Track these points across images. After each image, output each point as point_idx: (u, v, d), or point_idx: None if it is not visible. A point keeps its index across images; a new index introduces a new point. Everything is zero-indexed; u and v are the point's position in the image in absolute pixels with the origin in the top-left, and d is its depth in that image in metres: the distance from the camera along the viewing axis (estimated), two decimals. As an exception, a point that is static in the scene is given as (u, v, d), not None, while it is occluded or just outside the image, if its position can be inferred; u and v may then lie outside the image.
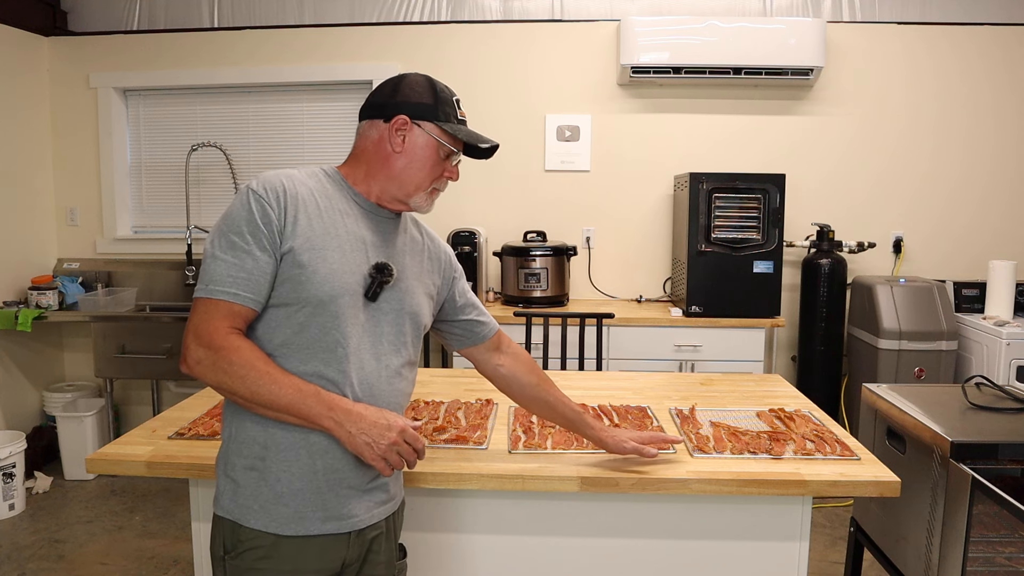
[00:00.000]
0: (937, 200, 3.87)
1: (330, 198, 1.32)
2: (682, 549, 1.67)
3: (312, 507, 1.28)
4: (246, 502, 1.27)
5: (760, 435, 1.74)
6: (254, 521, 1.26)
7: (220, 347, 1.20)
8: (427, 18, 3.96)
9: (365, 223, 1.34)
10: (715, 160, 3.90)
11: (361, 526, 1.33)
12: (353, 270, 1.29)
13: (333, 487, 1.29)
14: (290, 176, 1.30)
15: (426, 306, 1.44)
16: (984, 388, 2.10)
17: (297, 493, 1.27)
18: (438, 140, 1.34)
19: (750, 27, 3.58)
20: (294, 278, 1.24)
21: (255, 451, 1.27)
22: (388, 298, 1.34)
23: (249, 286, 1.22)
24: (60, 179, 4.20)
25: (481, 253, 3.66)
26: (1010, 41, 3.78)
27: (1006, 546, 1.73)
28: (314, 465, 1.27)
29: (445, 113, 1.35)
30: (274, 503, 1.26)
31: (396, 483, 1.42)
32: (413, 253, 1.43)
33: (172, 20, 4.08)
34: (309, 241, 1.25)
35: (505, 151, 3.97)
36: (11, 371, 3.89)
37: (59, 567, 2.90)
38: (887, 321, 3.38)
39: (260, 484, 1.27)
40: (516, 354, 1.63)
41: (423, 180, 1.35)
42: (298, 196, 1.27)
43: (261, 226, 1.23)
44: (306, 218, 1.26)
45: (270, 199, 1.24)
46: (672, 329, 3.43)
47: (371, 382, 1.31)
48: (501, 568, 1.69)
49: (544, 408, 1.62)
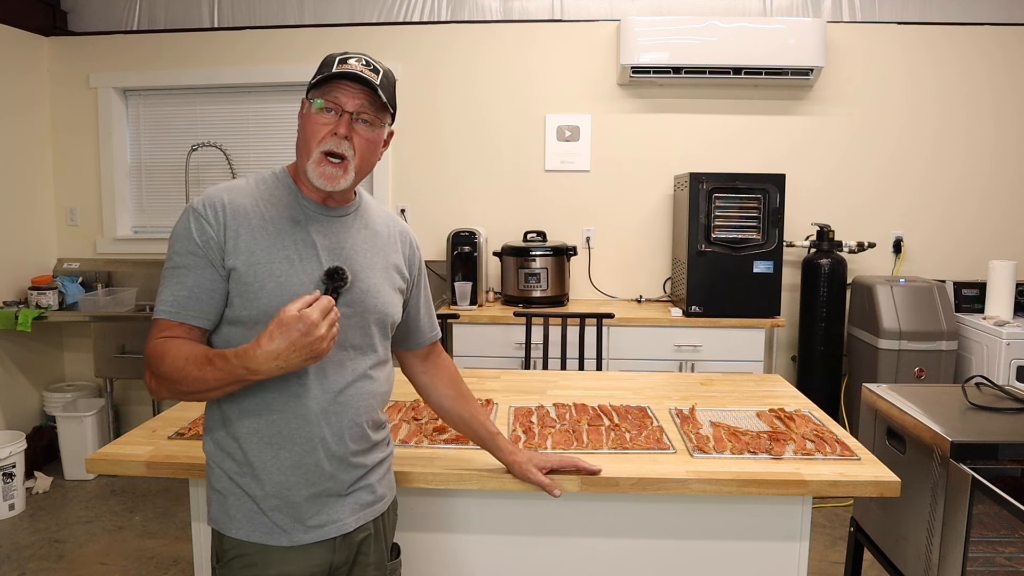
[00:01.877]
0: (937, 200, 3.87)
1: (277, 206, 1.29)
2: (682, 549, 1.67)
3: (291, 519, 1.27)
4: (230, 512, 1.28)
5: (760, 435, 1.74)
6: (237, 531, 1.27)
7: (152, 358, 1.21)
8: (427, 18, 3.96)
9: (316, 226, 1.30)
10: (715, 160, 3.90)
11: (347, 530, 1.32)
12: (304, 280, 1.25)
13: (311, 497, 1.28)
14: (233, 189, 1.28)
15: (394, 301, 1.39)
16: (984, 388, 2.10)
17: (275, 508, 1.27)
18: (310, 99, 1.27)
19: (750, 27, 3.58)
20: (243, 295, 1.23)
21: (231, 466, 1.28)
22: (349, 301, 1.29)
23: (190, 303, 1.22)
24: (60, 179, 4.19)
25: (481, 253, 3.66)
26: (1010, 41, 3.78)
27: (1006, 546, 1.73)
28: (286, 480, 1.26)
29: (319, 74, 1.27)
30: (257, 514, 1.27)
31: (383, 484, 1.41)
32: (375, 250, 1.38)
33: (172, 20, 4.07)
34: (254, 255, 1.23)
35: (505, 151, 3.97)
36: (11, 371, 3.89)
37: (59, 567, 2.90)
38: (887, 321, 3.38)
39: (241, 496, 1.27)
40: (441, 366, 1.59)
41: (306, 144, 1.27)
42: (239, 210, 1.25)
43: (199, 244, 1.22)
44: (248, 232, 1.24)
45: (208, 216, 1.23)
46: (672, 329, 3.43)
47: (336, 390, 1.28)
48: (501, 568, 1.69)
49: (459, 423, 1.57)
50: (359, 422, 1.32)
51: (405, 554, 1.56)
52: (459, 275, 3.63)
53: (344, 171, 1.27)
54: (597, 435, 1.75)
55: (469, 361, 3.41)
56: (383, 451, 1.41)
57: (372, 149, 1.30)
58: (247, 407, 1.26)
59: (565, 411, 1.95)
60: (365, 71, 1.25)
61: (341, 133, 1.25)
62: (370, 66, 1.27)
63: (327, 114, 1.26)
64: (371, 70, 1.27)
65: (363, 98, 1.26)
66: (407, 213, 4.02)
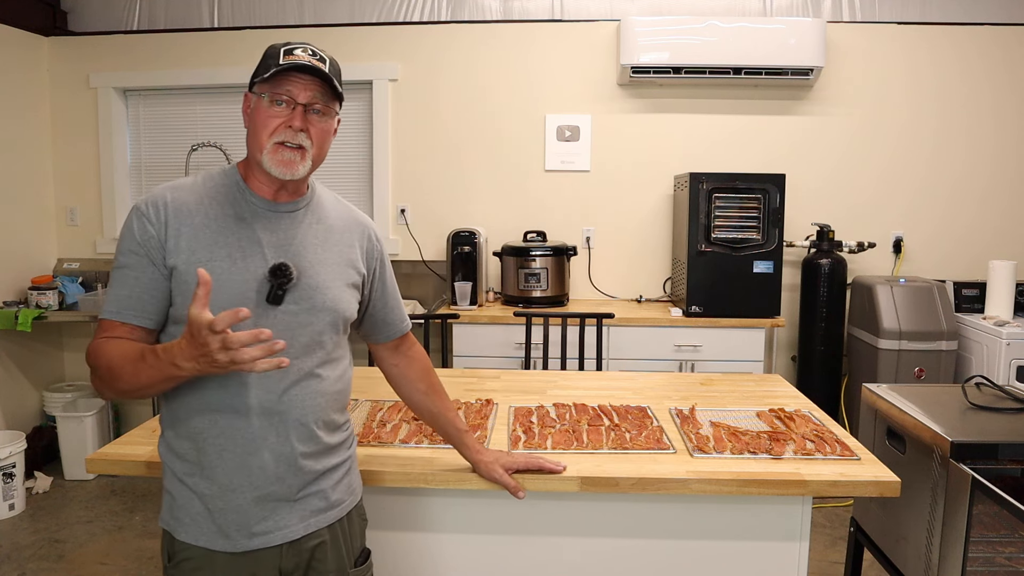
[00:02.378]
0: (937, 200, 3.87)
1: (222, 203, 1.27)
2: (682, 549, 1.67)
3: (236, 525, 1.26)
4: (178, 515, 1.28)
5: (760, 435, 1.74)
6: (184, 534, 1.27)
7: (90, 354, 1.22)
8: (427, 18, 3.96)
9: (263, 223, 1.28)
10: (715, 160, 3.90)
11: (293, 537, 1.30)
12: (247, 277, 1.24)
13: (257, 500, 1.27)
14: (179, 187, 1.28)
15: (346, 298, 1.36)
16: (984, 388, 2.10)
17: (220, 512, 1.26)
18: (258, 94, 1.26)
19: (750, 27, 3.58)
20: (183, 293, 1.22)
21: (182, 468, 1.28)
22: (296, 298, 1.27)
23: (131, 303, 1.22)
24: (60, 179, 4.19)
25: (481, 253, 3.66)
26: (1010, 41, 3.78)
27: (1006, 546, 1.73)
28: (231, 483, 1.25)
29: (266, 67, 1.25)
30: (204, 518, 1.26)
31: (340, 489, 1.38)
32: (327, 245, 1.35)
33: (172, 20, 4.07)
34: (195, 254, 1.22)
35: (505, 151, 3.97)
36: (11, 371, 3.89)
37: (59, 567, 2.90)
38: (887, 321, 3.38)
39: (190, 499, 1.27)
40: (413, 359, 1.57)
41: (258, 136, 1.25)
42: (183, 208, 1.24)
43: (141, 243, 1.22)
44: (191, 230, 1.23)
45: (150, 215, 1.23)
46: (672, 329, 3.43)
47: (280, 389, 1.26)
48: (501, 568, 1.69)
49: (428, 417, 1.57)
50: (305, 422, 1.29)
51: (408, 555, 1.56)
52: (459, 275, 3.63)
53: (302, 157, 1.26)
54: (597, 435, 1.75)
55: (469, 361, 3.41)
56: (339, 455, 1.39)
57: (326, 139, 1.29)
58: (193, 406, 1.25)
59: (565, 411, 1.95)
60: (314, 61, 1.24)
61: (297, 126, 1.24)
62: (317, 55, 1.26)
63: (278, 107, 1.24)
64: (319, 59, 1.26)
65: (315, 88, 1.25)
66: (407, 213, 4.02)
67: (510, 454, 1.57)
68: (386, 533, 1.69)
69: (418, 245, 4.04)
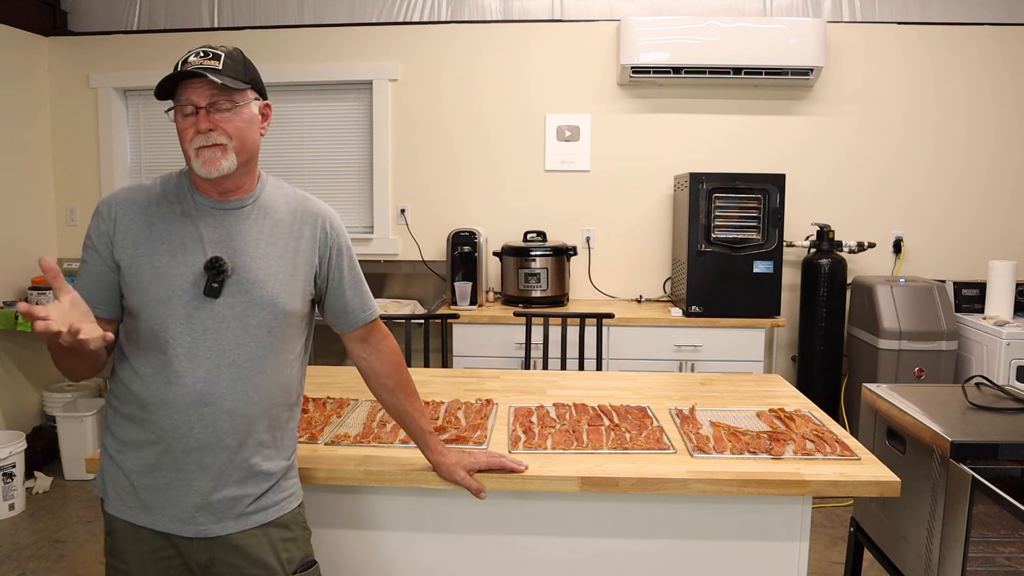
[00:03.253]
0: (937, 200, 3.87)
1: (171, 202, 1.36)
2: (682, 549, 1.67)
3: (158, 503, 1.33)
4: (105, 487, 1.37)
5: (760, 435, 1.74)
6: (109, 506, 1.37)
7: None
8: (427, 18, 3.96)
9: (207, 220, 1.35)
10: (715, 160, 3.90)
11: (209, 535, 1.33)
12: (184, 271, 1.31)
13: (174, 489, 1.32)
14: (135, 188, 1.38)
15: (292, 292, 1.38)
16: (984, 388, 2.10)
17: (146, 488, 1.33)
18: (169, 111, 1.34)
19: (750, 27, 3.58)
20: (127, 285, 1.32)
21: (113, 444, 1.36)
22: (234, 291, 1.32)
23: (91, 295, 1.27)
24: (60, 179, 4.20)
25: (481, 253, 3.66)
26: (1010, 41, 3.78)
27: (1006, 546, 1.73)
28: (159, 462, 1.32)
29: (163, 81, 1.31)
30: (127, 492, 1.34)
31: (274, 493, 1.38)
32: (273, 239, 1.37)
33: (172, 20, 4.08)
34: (138, 248, 1.31)
35: (505, 151, 3.97)
36: (11, 371, 3.89)
37: (59, 567, 2.90)
38: (887, 321, 3.38)
39: (117, 473, 1.35)
40: (383, 352, 1.55)
41: (185, 147, 1.32)
42: (134, 206, 1.34)
43: (94, 240, 1.33)
44: (136, 227, 1.32)
45: (103, 213, 1.34)
46: (672, 329, 3.43)
47: (212, 379, 1.30)
48: (501, 568, 1.69)
49: (394, 413, 1.57)
50: (235, 416, 1.32)
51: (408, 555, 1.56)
52: (459, 275, 3.63)
53: (223, 153, 1.30)
54: (597, 435, 1.75)
55: (469, 361, 3.41)
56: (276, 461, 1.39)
57: (246, 127, 1.32)
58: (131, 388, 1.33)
59: (565, 411, 1.95)
60: (205, 62, 1.28)
61: (203, 128, 1.28)
62: (208, 55, 1.30)
63: (189, 117, 1.30)
64: (211, 58, 1.29)
65: (210, 88, 1.28)
66: (407, 213, 4.02)
67: (471, 454, 1.56)
68: (387, 533, 1.69)
69: (418, 245, 4.04)
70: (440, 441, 1.58)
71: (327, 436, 1.74)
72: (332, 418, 1.87)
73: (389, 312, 3.40)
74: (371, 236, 4.04)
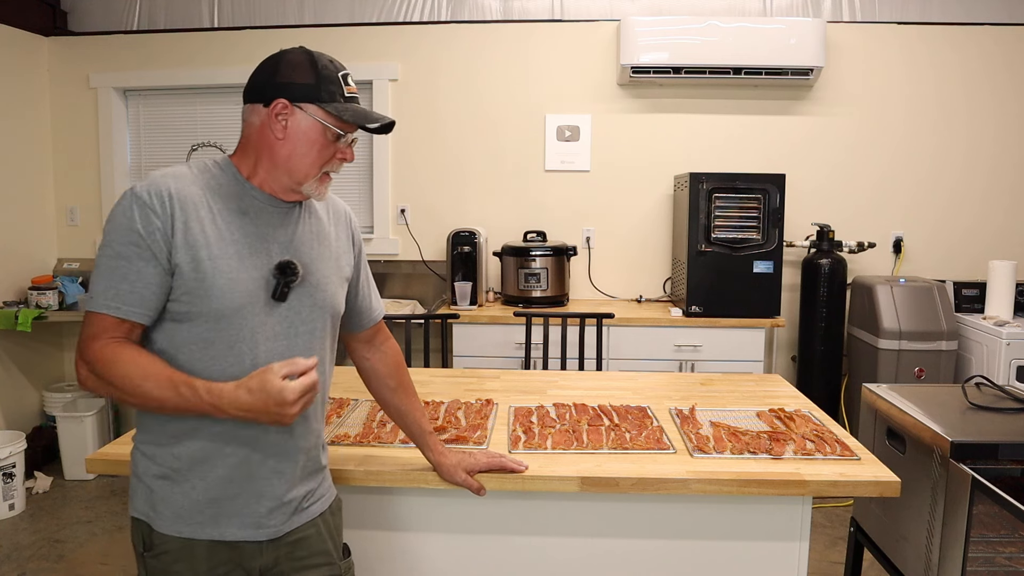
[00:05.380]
0: (937, 200, 3.87)
1: (224, 197, 1.23)
2: (682, 549, 1.67)
3: (228, 514, 1.26)
4: (159, 508, 1.25)
5: (760, 435, 1.74)
6: (166, 527, 1.25)
7: (98, 360, 1.15)
8: (427, 18, 3.96)
9: (265, 219, 1.25)
10: (715, 160, 3.90)
11: (278, 534, 1.31)
12: (254, 275, 1.22)
13: (247, 495, 1.27)
14: (179, 176, 1.21)
15: (341, 293, 1.37)
16: (984, 388, 2.10)
17: (213, 502, 1.25)
18: (323, 123, 1.22)
19: (750, 27, 3.58)
20: (192, 291, 1.17)
21: (168, 462, 1.24)
22: (300, 295, 1.27)
23: (132, 299, 1.15)
24: (60, 179, 4.19)
25: (481, 253, 3.66)
26: (1010, 41, 3.78)
27: (1006, 546, 1.73)
28: (231, 474, 1.25)
29: (329, 92, 1.22)
30: (188, 511, 1.24)
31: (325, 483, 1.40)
32: (321, 240, 1.34)
33: (172, 20, 4.07)
34: (204, 249, 1.18)
35: (505, 151, 3.97)
36: (11, 371, 3.89)
37: (59, 567, 2.90)
38: (887, 321, 3.38)
39: (174, 492, 1.24)
40: (386, 353, 1.55)
41: (311, 167, 1.24)
42: (188, 200, 1.18)
43: (144, 235, 1.15)
44: (198, 224, 1.18)
45: (155, 205, 1.15)
46: (672, 329, 3.43)
47: None
48: (501, 568, 1.69)
49: (394, 414, 1.56)
50: (307, 418, 1.31)
51: (408, 555, 1.56)
52: (459, 275, 3.63)
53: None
54: (597, 435, 1.75)
55: (469, 361, 3.41)
56: (324, 450, 1.42)
57: None
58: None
59: (565, 411, 1.95)
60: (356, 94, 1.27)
61: (351, 160, 1.28)
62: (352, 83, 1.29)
63: (336, 143, 1.25)
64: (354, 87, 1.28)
65: None
66: (407, 213, 4.02)
67: (472, 455, 1.56)
68: (386, 533, 1.69)
69: (418, 245, 4.04)
70: (440, 441, 1.58)
71: (327, 436, 1.74)
72: (332, 418, 1.87)
73: (389, 312, 3.40)
74: (371, 236, 4.04)
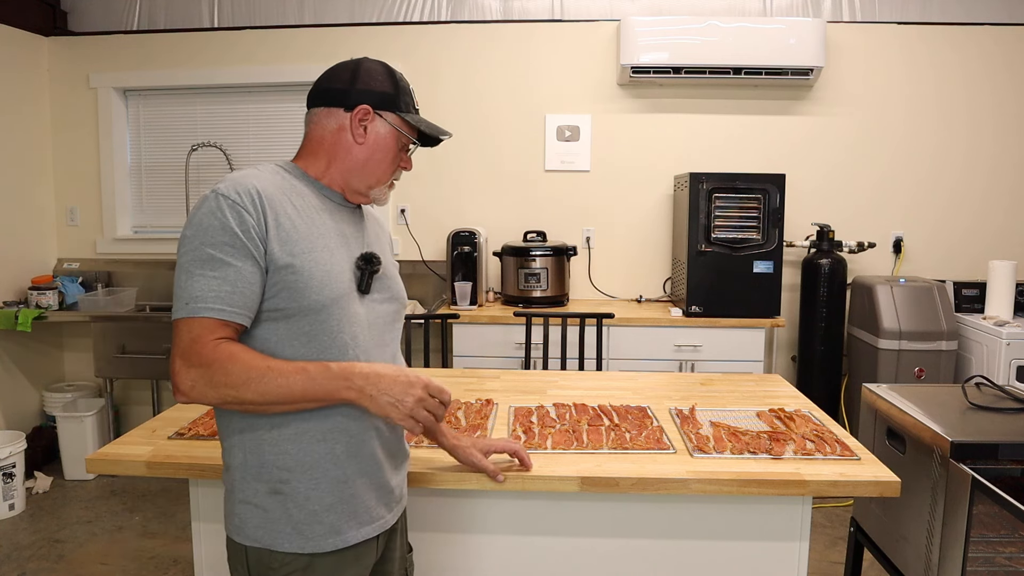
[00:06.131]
0: (937, 200, 3.88)
1: (302, 195, 1.25)
2: (682, 549, 1.67)
3: (346, 517, 1.24)
4: (276, 527, 1.20)
5: (760, 435, 1.74)
6: (287, 544, 1.20)
7: (212, 361, 1.11)
8: (427, 18, 3.96)
9: (340, 216, 1.30)
10: (715, 160, 3.90)
11: (387, 527, 1.33)
12: (343, 267, 1.24)
13: (361, 491, 1.26)
14: (259, 176, 1.21)
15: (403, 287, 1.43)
16: (984, 388, 2.10)
17: (330, 508, 1.22)
18: (399, 131, 1.30)
19: (750, 27, 3.58)
20: (290, 286, 1.17)
21: (276, 475, 1.20)
22: (378, 287, 1.31)
23: (235, 300, 1.13)
24: (60, 179, 4.20)
25: (481, 253, 3.66)
26: (1010, 41, 3.78)
27: (1006, 546, 1.73)
28: (343, 473, 1.23)
29: (406, 103, 1.31)
30: (307, 523, 1.21)
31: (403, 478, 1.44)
32: (380, 234, 1.42)
33: (172, 20, 4.08)
34: (296, 245, 1.18)
35: (505, 151, 3.97)
36: (11, 371, 3.89)
37: (59, 567, 2.90)
38: (887, 321, 3.38)
39: (288, 506, 1.20)
40: None
41: (384, 173, 1.31)
42: (273, 197, 1.19)
43: (239, 234, 1.13)
44: (288, 220, 1.19)
45: (245, 203, 1.14)
46: (672, 329, 3.43)
47: None
48: (501, 568, 1.69)
49: None
50: None
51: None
52: (459, 275, 3.63)
53: None
54: (597, 435, 1.75)
55: (469, 361, 3.41)
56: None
57: None
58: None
59: (565, 411, 1.95)
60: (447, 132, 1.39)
61: (410, 169, 1.38)
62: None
63: (403, 152, 1.34)
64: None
65: None
66: (407, 213, 4.02)
67: (485, 437, 1.58)
68: (386, 533, 1.69)
69: (418, 245, 4.04)
70: (449, 428, 1.60)
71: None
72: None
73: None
74: (371, 236, 4.03)
